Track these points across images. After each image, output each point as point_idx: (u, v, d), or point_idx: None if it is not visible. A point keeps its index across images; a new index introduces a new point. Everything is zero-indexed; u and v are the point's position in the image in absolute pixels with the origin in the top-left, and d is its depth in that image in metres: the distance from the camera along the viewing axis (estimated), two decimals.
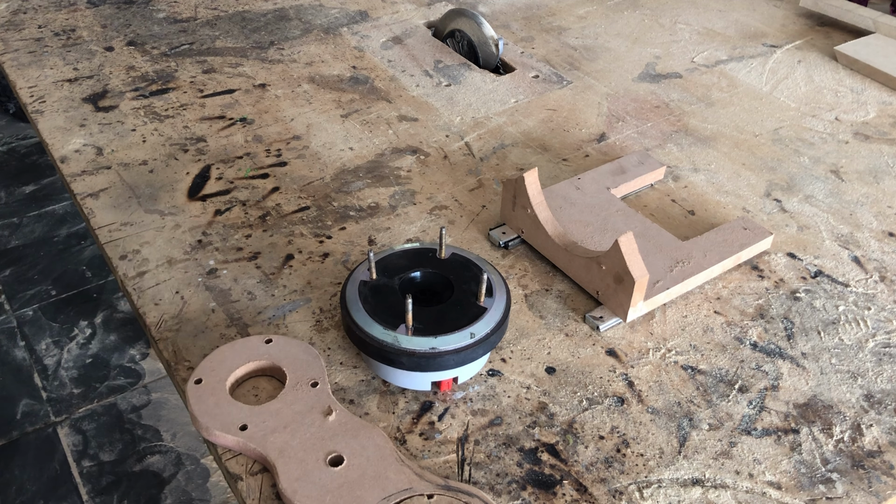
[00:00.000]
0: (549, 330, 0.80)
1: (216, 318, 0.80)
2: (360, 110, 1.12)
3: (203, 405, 0.68)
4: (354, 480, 0.63)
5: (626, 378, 0.75)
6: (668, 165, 1.03)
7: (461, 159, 1.03)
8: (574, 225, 0.89)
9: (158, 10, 1.36)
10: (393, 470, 0.64)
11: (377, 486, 0.62)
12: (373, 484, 0.63)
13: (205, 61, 1.22)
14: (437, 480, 0.63)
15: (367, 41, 1.29)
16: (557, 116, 1.13)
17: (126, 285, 0.83)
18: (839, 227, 0.94)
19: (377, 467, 0.64)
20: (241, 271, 0.85)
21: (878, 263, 0.89)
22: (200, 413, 0.68)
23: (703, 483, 0.67)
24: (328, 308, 0.81)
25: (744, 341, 0.79)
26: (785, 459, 0.69)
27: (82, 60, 1.22)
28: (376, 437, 0.66)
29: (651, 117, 1.13)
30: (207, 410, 0.68)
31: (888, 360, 0.78)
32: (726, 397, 0.74)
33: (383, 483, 0.63)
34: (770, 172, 1.03)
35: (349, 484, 0.62)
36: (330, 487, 0.62)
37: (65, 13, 1.35)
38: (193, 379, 0.70)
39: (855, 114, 1.15)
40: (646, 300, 0.80)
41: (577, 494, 0.65)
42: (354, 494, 0.62)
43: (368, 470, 0.63)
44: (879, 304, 0.84)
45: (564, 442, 0.69)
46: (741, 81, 1.22)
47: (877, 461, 0.69)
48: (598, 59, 1.27)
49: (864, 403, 0.74)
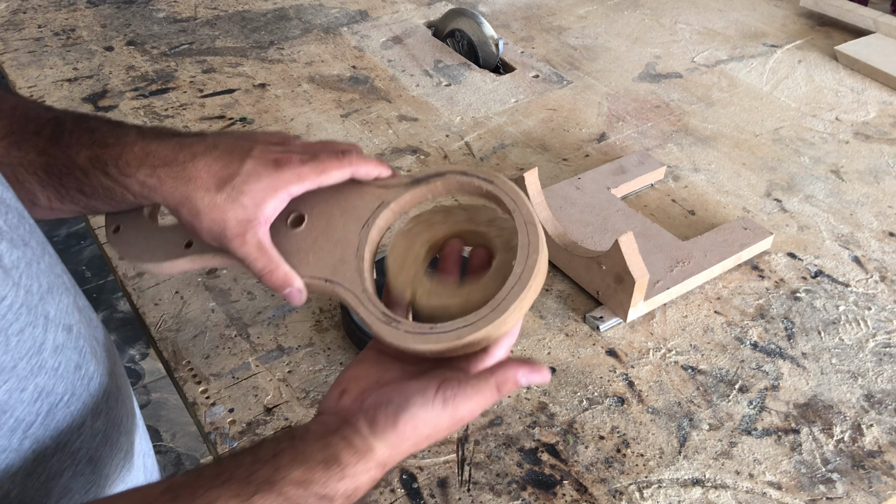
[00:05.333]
0: (549, 330, 0.80)
1: (216, 318, 0.80)
2: (360, 110, 1.12)
3: (133, 247, 0.61)
4: (320, 233, 0.57)
5: (626, 378, 0.75)
6: (668, 165, 1.03)
7: (461, 159, 1.03)
8: (574, 225, 0.89)
9: (158, 9, 1.36)
10: (356, 197, 0.58)
11: (349, 219, 0.57)
12: (343, 221, 0.57)
13: (204, 61, 1.22)
14: (404, 180, 0.57)
15: (367, 41, 1.29)
16: (557, 116, 1.12)
17: (126, 285, 0.83)
18: (839, 227, 0.94)
19: (342, 209, 0.58)
20: (240, 271, 0.85)
21: (878, 263, 0.89)
22: (138, 253, 0.60)
23: (704, 483, 0.66)
24: (328, 308, 0.81)
25: (744, 341, 0.79)
26: (785, 459, 0.69)
27: (82, 60, 1.21)
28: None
29: (651, 117, 1.13)
30: (142, 247, 0.61)
31: (888, 360, 0.78)
32: (726, 397, 0.74)
33: (354, 214, 0.57)
34: (770, 172, 1.03)
35: (315, 237, 0.57)
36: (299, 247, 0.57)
37: (64, 13, 1.35)
38: (111, 229, 0.63)
39: (855, 114, 1.15)
40: (646, 300, 0.80)
41: (578, 494, 0.65)
42: (331, 242, 0.56)
43: (334, 215, 0.57)
44: (880, 304, 0.84)
45: (564, 442, 0.69)
46: (741, 81, 1.22)
47: (877, 461, 0.69)
48: (599, 58, 1.27)
49: (865, 403, 0.74)
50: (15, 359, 0.45)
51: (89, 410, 0.52)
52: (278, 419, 0.70)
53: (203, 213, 0.53)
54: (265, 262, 0.54)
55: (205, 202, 0.53)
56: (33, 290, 0.47)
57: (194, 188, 0.53)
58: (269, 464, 0.46)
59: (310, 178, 0.54)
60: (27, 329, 0.45)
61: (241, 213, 0.53)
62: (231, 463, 0.46)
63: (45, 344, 0.47)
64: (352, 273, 0.55)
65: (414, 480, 0.66)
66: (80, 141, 0.55)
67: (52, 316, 0.48)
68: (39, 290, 0.47)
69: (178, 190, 0.53)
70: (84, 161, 0.54)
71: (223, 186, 0.53)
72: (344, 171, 0.56)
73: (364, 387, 0.51)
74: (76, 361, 0.50)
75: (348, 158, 0.56)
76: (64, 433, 0.50)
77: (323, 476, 0.46)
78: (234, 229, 0.53)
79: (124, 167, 0.53)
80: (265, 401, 0.72)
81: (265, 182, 0.53)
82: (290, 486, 0.45)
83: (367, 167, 0.57)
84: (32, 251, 0.49)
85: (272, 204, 0.54)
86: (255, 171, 0.53)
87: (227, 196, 0.53)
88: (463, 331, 0.50)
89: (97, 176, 0.54)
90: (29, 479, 0.48)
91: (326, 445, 0.47)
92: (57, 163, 0.55)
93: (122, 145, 0.54)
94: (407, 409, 0.48)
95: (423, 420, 0.48)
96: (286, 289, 0.55)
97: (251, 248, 0.54)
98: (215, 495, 0.43)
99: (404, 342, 0.51)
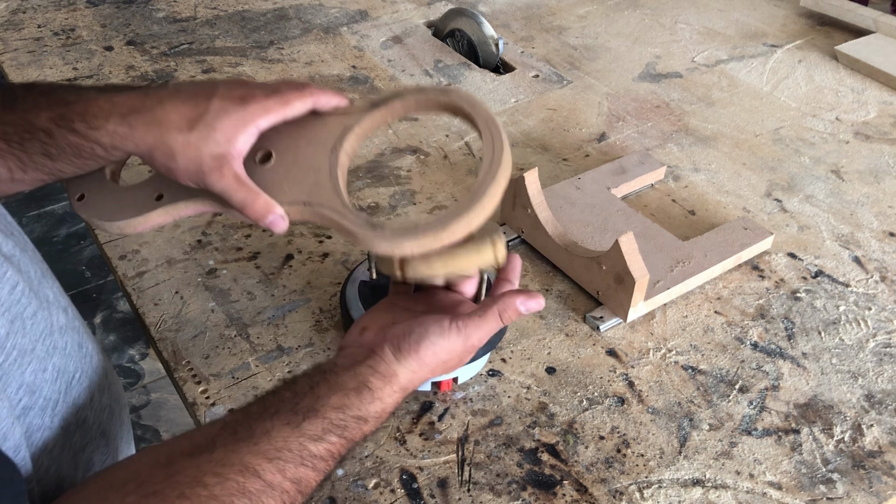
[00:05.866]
0: (549, 330, 0.80)
1: (216, 318, 0.80)
2: None
3: (101, 210, 0.61)
4: (290, 164, 0.59)
5: (626, 378, 0.75)
6: (668, 165, 1.03)
7: (461, 159, 1.03)
8: (574, 225, 0.89)
9: (158, 9, 1.36)
10: (319, 127, 0.60)
11: (317, 147, 0.59)
12: (311, 150, 0.59)
13: (204, 61, 1.22)
14: (363, 105, 0.60)
15: (366, 41, 1.29)
16: (557, 116, 1.12)
17: (125, 285, 0.83)
18: (840, 227, 0.94)
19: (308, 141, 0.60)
20: (240, 271, 0.85)
21: (878, 263, 0.89)
22: (109, 214, 0.60)
23: (704, 483, 0.66)
24: (328, 308, 0.81)
25: (744, 341, 0.79)
26: (785, 460, 0.68)
27: (82, 60, 1.21)
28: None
29: (651, 117, 1.13)
30: (111, 207, 0.60)
31: (889, 360, 0.78)
32: (727, 397, 0.74)
33: (320, 141, 0.59)
34: (770, 172, 1.02)
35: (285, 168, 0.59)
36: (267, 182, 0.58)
37: (64, 13, 1.35)
38: (76, 197, 0.62)
39: (855, 113, 1.15)
40: (646, 300, 0.80)
41: (578, 495, 0.65)
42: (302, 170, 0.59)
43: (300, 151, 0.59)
44: (880, 304, 0.84)
45: (565, 442, 0.69)
46: (742, 81, 1.22)
47: (877, 461, 0.69)
48: (599, 58, 1.27)
49: (865, 403, 0.74)
50: (32, 341, 0.47)
51: (96, 386, 0.55)
52: None
53: (178, 153, 0.54)
54: (245, 193, 0.56)
55: (178, 142, 0.54)
56: (32, 275, 0.49)
57: (166, 129, 0.54)
58: (309, 395, 0.51)
59: (275, 111, 0.57)
60: (39, 313, 0.48)
61: (214, 149, 0.55)
62: (274, 399, 0.51)
63: (53, 326, 0.50)
64: (328, 193, 0.58)
65: (414, 480, 0.66)
66: (37, 104, 0.56)
67: (52, 299, 0.50)
68: (36, 276, 0.49)
69: (150, 134, 0.54)
70: (46, 122, 0.55)
71: (195, 125, 0.54)
72: (306, 102, 0.59)
73: (382, 325, 0.57)
74: (78, 341, 0.53)
75: (308, 90, 0.59)
76: (81, 409, 0.54)
77: (357, 401, 0.52)
78: (210, 164, 0.55)
79: (92, 120, 0.54)
80: None
81: (234, 117, 0.55)
82: (331, 411, 0.51)
83: (326, 97, 0.60)
84: (19, 240, 0.50)
85: (243, 138, 0.56)
86: (223, 107, 0.55)
87: (199, 134, 0.54)
88: (446, 220, 0.54)
89: (63, 135, 0.55)
90: (62, 455, 0.52)
91: (356, 375, 0.53)
92: (16, 130, 0.55)
93: (84, 101, 0.55)
94: (427, 338, 0.55)
95: (441, 347, 0.55)
96: (268, 216, 0.57)
97: (229, 180, 0.55)
98: (269, 425, 0.49)
99: (394, 244, 0.55)
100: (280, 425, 0.49)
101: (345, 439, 0.51)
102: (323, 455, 0.50)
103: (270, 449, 0.48)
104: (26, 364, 0.46)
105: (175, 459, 0.46)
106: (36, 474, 0.49)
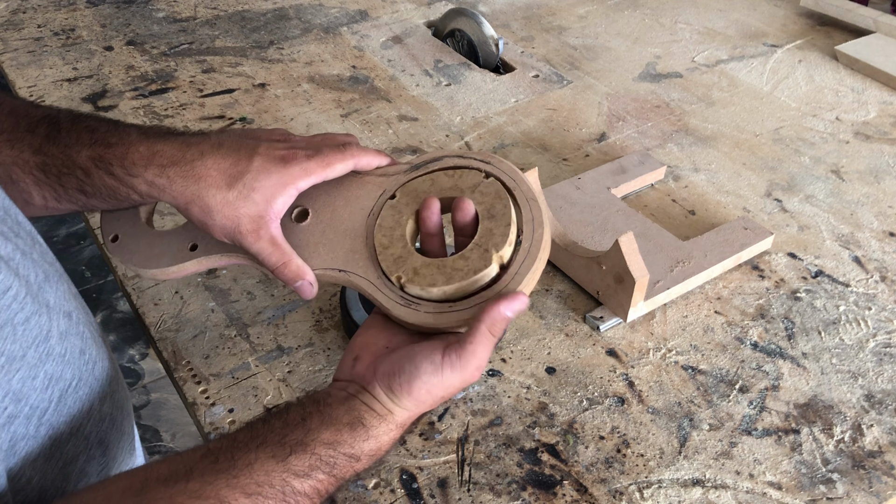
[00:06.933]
0: (549, 330, 0.80)
1: (216, 318, 0.80)
2: (360, 110, 1.12)
3: (135, 255, 0.61)
4: (326, 225, 0.59)
5: (626, 378, 0.75)
6: (668, 165, 1.03)
7: None
8: (574, 225, 0.89)
9: (158, 9, 1.36)
10: (357, 188, 0.59)
11: (354, 209, 0.59)
12: (349, 212, 0.59)
13: (204, 61, 1.22)
14: (403, 167, 0.60)
15: (366, 41, 1.29)
16: (557, 116, 1.12)
17: (125, 285, 0.83)
18: (840, 226, 0.94)
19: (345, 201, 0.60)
20: (240, 271, 0.85)
21: (878, 263, 0.89)
22: (143, 261, 0.60)
23: (704, 483, 0.66)
24: (328, 308, 0.81)
25: (744, 341, 0.79)
26: (785, 460, 0.68)
27: (82, 60, 1.21)
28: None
29: (651, 117, 1.13)
30: (145, 254, 0.61)
31: (889, 360, 0.78)
32: (727, 397, 0.74)
33: (358, 204, 0.59)
34: (771, 172, 1.02)
35: (321, 231, 0.59)
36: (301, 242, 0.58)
37: (64, 13, 1.35)
38: (109, 238, 0.62)
39: (855, 113, 1.15)
40: (646, 300, 0.80)
41: (578, 495, 0.65)
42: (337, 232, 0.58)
43: (337, 207, 0.59)
44: (880, 304, 0.84)
45: (564, 442, 0.69)
46: (742, 81, 1.22)
47: (877, 461, 0.69)
48: (599, 58, 1.27)
49: (865, 403, 0.74)
50: (24, 347, 0.45)
51: (96, 395, 0.53)
52: None
53: (215, 211, 0.54)
54: (279, 256, 0.56)
55: (217, 200, 0.54)
56: (31, 279, 0.47)
57: (205, 186, 0.54)
58: (300, 427, 0.48)
59: (316, 173, 0.56)
60: (33, 318, 0.46)
61: (253, 210, 0.55)
62: (263, 427, 0.49)
63: (50, 331, 0.48)
64: (364, 261, 0.57)
65: (414, 480, 0.66)
66: (79, 140, 0.55)
67: (53, 304, 0.49)
68: (37, 280, 0.48)
69: (188, 189, 0.54)
70: (85, 161, 0.55)
71: (234, 184, 0.54)
72: (347, 164, 0.58)
73: (375, 352, 0.54)
74: (80, 347, 0.51)
75: (350, 151, 0.58)
76: (76, 418, 0.51)
77: (349, 437, 0.49)
78: (247, 225, 0.55)
79: (130, 167, 0.54)
80: (265, 401, 0.72)
81: (274, 178, 0.55)
82: (321, 447, 0.48)
83: (367, 158, 0.59)
84: (24, 242, 0.49)
85: (282, 199, 0.55)
86: (263, 167, 0.55)
87: (238, 193, 0.54)
88: (482, 306, 0.52)
89: (100, 176, 0.55)
90: (48, 465, 0.49)
91: (350, 409, 0.50)
92: (55, 162, 0.55)
93: (125, 145, 0.55)
94: (418, 377, 0.51)
95: (435, 384, 0.51)
96: (299, 281, 0.57)
97: (265, 243, 0.56)
98: (253, 457, 0.46)
99: (427, 322, 0.54)
100: (265, 458, 0.47)
101: (334, 477, 0.49)
102: (308, 493, 0.47)
103: (251, 483, 0.45)
104: (14, 371, 0.44)
105: (149, 486, 0.44)
106: (16, 485, 0.47)
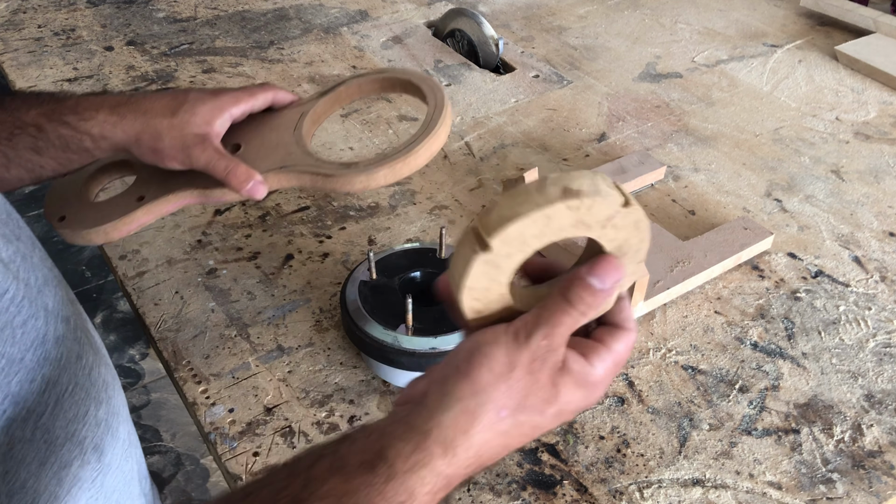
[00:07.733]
0: None
1: (216, 318, 0.80)
2: (360, 110, 1.12)
3: (85, 220, 0.67)
4: (259, 146, 0.69)
5: (626, 378, 0.75)
6: (668, 165, 1.03)
7: (461, 159, 1.03)
8: None
9: (158, 9, 1.36)
10: (279, 118, 0.71)
11: (281, 130, 0.70)
12: (276, 134, 0.70)
13: (204, 61, 1.22)
14: (313, 95, 0.72)
15: (367, 41, 1.29)
16: (557, 116, 1.12)
17: (126, 285, 0.83)
18: (840, 226, 0.94)
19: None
20: (240, 271, 0.85)
21: (878, 263, 0.89)
22: (93, 223, 0.66)
23: (704, 483, 0.66)
24: (328, 308, 0.81)
25: (744, 341, 0.79)
26: (785, 459, 0.68)
27: (82, 60, 1.21)
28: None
29: (651, 117, 1.13)
30: (94, 217, 0.67)
31: (889, 360, 0.78)
32: (727, 397, 0.74)
33: (283, 126, 0.70)
34: (770, 172, 1.03)
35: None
36: None
37: (64, 13, 1.35)
38: (56, 219, 0.68)
39: (855, 113, 1.15)
40: (646, 300, 0.80)
41: (578, 495, 0.65)
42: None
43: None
44: (880, 304, 0.84)
45: (565, 442, 0.69)
46: (742, 81, 1.22)
47: (877, 461, 0.69)
48: (599, 58, 1.27)
49: (865, 403, 0.74)
50: (22, 350, 0.46)
51: (92, 400, 0.54)
52: (278, 419, 0.70)
53: (164, 133, 0.63)
54: (227, 162, 0.64)
55: (164, 125, 0.63)
56: (31, 282, 0.48)
57: (152, 116, 0.63)
58: (301, 476, 0.39)
59: (244, 100, 0.68)
60: (30, 321, 0.46)
61: (196, 129, 0.64)
62: (255, 485, 0.41)
63: (47, 335, 0.48)
64: (300, 155, 0.67)
65: None
66: (26, 103, 0.63)
67: (51, 308, 0.49)
68: (37, 283, 0.48)
69: (137, 120, 0.63)
70: (35, 117, 0.62)
71: (177, 111, 0.64)
72: (268, 95, 0.70)
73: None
74: (76, 352, 0.51)
75: (269, 86, 0.70)
76: (72, 423, 0.51)
77: (363, 482, 0.39)
78: (193, 141, 0.64)
79: (83, 112, 0.62)
80: (265, 401, 0.72)
81: (209, 104, 0.65)
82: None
83: (283, 93, 0.71)
84: (25, 245, 0.50)
85: (219, 121, 0.65)
86: (199, 97, 0.65)
87: (181, 119, 0.64)
88: (411, 145, 0.63)
89: (53, 128, 0.62)
90: (42, 470, 0.49)
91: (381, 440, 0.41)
92: (4, 126, 0.62)
93: (75, 98, 0.63)
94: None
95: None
96: (250, 181, 0.65)
97: (211, 153, 0.64)
98: None
99: (370, 175, 0.63)
100: None
101: None
102: None
103: None
104: (13, 374, 0.44)
105: None
106: (10, 488, 0.46)
